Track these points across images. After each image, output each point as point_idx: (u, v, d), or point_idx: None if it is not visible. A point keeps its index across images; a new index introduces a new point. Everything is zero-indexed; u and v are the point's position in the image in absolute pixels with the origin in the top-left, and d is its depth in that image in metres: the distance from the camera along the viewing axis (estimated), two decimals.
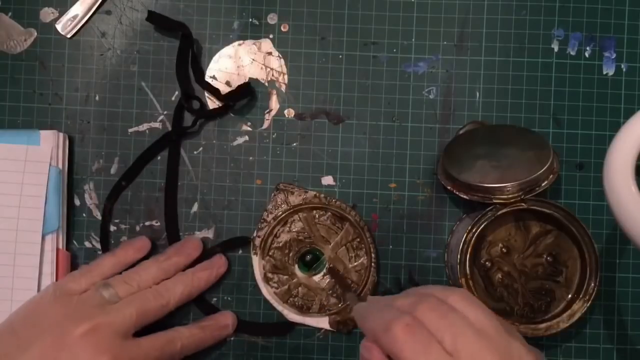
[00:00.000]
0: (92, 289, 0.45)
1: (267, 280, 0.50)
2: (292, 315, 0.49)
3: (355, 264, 0.50)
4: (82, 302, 0.44)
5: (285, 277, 0.50)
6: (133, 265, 0.48)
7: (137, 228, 0.50)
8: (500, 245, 0.48)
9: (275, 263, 0.50)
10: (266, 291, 0.50)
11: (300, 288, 0.50)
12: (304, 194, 0.50)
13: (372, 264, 0.49)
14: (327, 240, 0.50)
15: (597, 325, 0.50)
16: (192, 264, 0.49)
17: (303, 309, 0.50)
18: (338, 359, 0.50)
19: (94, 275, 0.46)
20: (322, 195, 0.50)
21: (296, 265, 0.50)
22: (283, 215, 0.49)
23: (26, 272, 0.47)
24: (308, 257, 0.50)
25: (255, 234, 0.50)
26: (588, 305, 0.46)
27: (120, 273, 0.47)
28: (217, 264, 0.49)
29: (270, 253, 0.50)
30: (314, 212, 0.50)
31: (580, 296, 0.46)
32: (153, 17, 0.50)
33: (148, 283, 0.47)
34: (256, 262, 0.50)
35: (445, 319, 0.34)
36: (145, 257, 0.49)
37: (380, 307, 0.37)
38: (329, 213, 0.50)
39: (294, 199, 0.50)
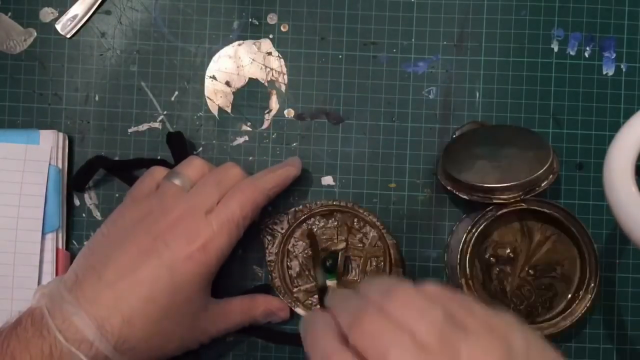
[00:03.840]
0: (161, 182, 0.45)
1: (308, 307, 0.48)
2: None
3: (369, 240, 0.49)
4: (159, 196, 0.44)
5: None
6: None
7: None
8: (508, 249, 0.47)
9: (307, 288, 0.49)
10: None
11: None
12: (286, 218, 0.49)
13: (382, 230, 0.48)
14: (332, 239, 0.49)
15: (597, 325, 0.50)
16: None
17: None
18: None
19: (157, 173, 0.46)
20: (303, 206, 0.49)
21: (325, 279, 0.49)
22: (283, 249, 0.48)
23: (26, 272, 0.47)
24: (328, 263, 0.48)
25: (270, 280, 0.49)
26: (588, 305, 0.46)
27: None
28: (292, 163, 0.48)
29: (295, 283, 0.49)
30: (309, 221, 0.49)
31: (580, 296, 0.46)
32: (172, 138, 0.49)
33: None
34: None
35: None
36: None
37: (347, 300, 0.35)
38: (317, 217, 0.49)
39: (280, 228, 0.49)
